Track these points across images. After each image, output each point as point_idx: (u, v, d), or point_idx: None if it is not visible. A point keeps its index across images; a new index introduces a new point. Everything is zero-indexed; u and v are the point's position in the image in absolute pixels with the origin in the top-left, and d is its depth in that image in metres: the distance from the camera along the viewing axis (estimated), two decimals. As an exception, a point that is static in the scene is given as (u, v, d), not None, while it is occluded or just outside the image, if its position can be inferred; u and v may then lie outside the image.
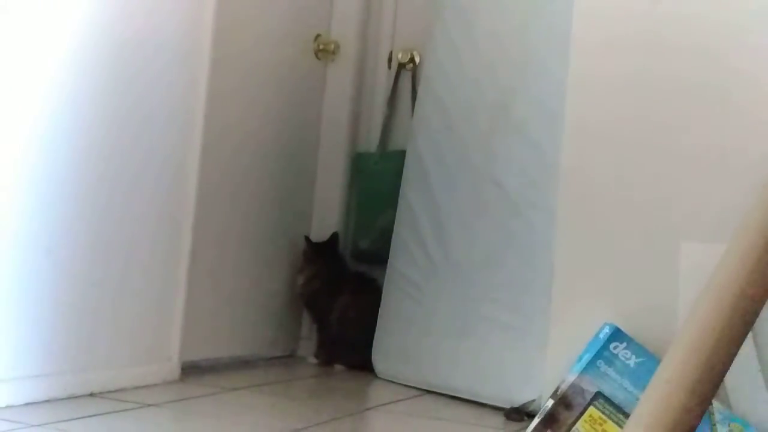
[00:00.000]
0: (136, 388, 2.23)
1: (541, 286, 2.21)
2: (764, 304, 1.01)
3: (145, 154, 2.29)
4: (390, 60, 3.37)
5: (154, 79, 2.31)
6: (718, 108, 1.98)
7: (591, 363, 1.83)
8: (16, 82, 1.91)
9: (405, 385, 2.66)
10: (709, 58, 2.00)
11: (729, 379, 1.30)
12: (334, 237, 3.14)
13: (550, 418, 1.82)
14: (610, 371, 1.83)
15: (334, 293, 3.04)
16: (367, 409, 2.52)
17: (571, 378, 1.83)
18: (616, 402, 1.81)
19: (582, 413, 1.81)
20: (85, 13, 2.09)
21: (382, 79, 3.38)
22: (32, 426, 1.75)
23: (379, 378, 2.80)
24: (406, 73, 3.33)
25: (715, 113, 1.98)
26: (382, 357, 2.82)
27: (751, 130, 1.94)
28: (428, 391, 2.57)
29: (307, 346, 3.18)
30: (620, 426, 1.79)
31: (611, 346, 1.84)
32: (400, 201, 2.88)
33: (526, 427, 1.89)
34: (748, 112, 1.95)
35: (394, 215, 2.90)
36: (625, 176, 2.08)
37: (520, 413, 2.20)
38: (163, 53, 2.34)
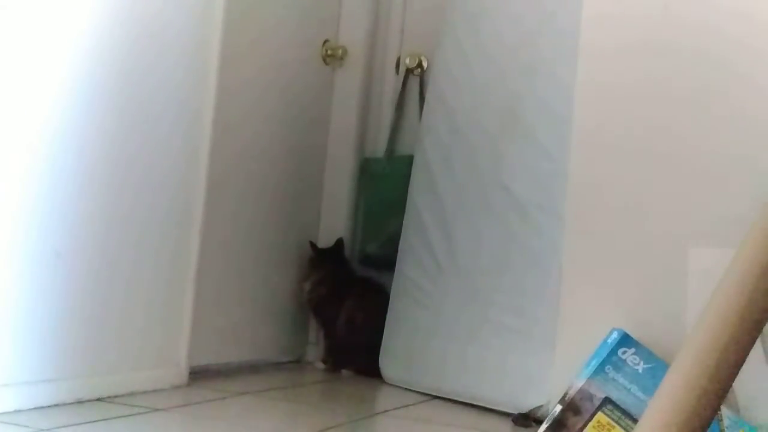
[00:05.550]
0: (145, 392, 2.24)
1: (549, 290, 2.21)
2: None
3: (152, 160, 2.29)
4: (398, 65, 3.38)
5: (161, 81, 2.31)
6: (726, 113, 1.98)
7: (599, 368, 1.83)
8: (25, 84, 1.92)
9: (412, 391, 2.65)
10: (718, 65, 2.00)
11: (738, 385, 1.30)
12: (339, 243, 3.14)
13: (559, 424, 1.82)
14: (619, 377, 1.82)
15: (340, 299, 3.05)
16: (375, 414, 2.52)
17: (580, 383, 1.83)
18: (625, 407, 1.81)
19: (590, 419, 1.81)
20: (94, 11, 2.09)
21: (389, 84, 3.39)
22: (41, 430, 1.75)
23: (387, 383, 2.80)
24: (414, 78, 3.34)
25: (724, 119, 1.98)
26: (389, 362, 2.82)
27: (761, 136, 1.94)
28: (436, 397, 2.57)
29: (315, 351, 3.19)
30: (628, 432, 1.79)
31: (619, 351, 1.84)
32: (408, 205, 2.88)
33: (534, 432, 1.89)
34: (757, 118, 1.95)
35: (402, 220, 2.91)
36: (633, 181, 2.08)
37: (528, 419, 2.19)
38: (172, 55, 2.35)
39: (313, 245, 3.12)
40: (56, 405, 1.98)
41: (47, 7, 1.96)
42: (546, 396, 2.14)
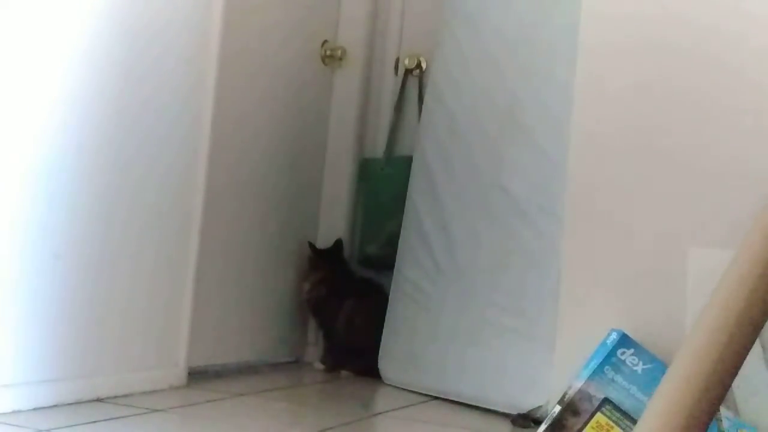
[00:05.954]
0: (144, 393, 2.23)
1: (548, 291, 2.21)
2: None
3: (151, 160, 2.29)
4: (397, 66, 3.38)
5: (161, 81, 2.31)
6: (726, 113, 1.98)
7: (598, 369, 1.83)
8: (24, 84, 1.91)
9: (411, 391, 2.65)
10: (718, 65, 2.00)
11: (737, 385, 1.30)
12: (338, 243, 3.14)
13: (558, 425, 1.82)
14: (618, 377, 1.82)
15: (339, 299, 3.05)
16: (374, 415, 2.52)
17: (579, 384, 1.83)
18: (624, 408, 1.81)
19: (589, 419, 1.81)
20: (93, 11, 2.09)
21: (388, 85, 3.38)
22: (40, 431, 1.75)
23: (386, 384, 2.80)
24: (413, 78, 3.34)
25: (724, 118, 1.98)
26: (388, 363, 2.82)
27: (761, 137, 1.94)
28: (435, 397, 2.57)
29: (314, 352, 3.19)
30: (628, 432, 1.79)
31: (618, 352, 1.84)
32: (407, 206, 2.88)
33: (533, 433, 1.89)
34: (757, 118, 1.95)
35: (401, 221, 2.91)
36: (633, 181, 2.07)
37: (527, 419, 2.19)
38: (171, 55, 2.35)
39: (312, 246, 3.12)
40: (55, 405, 1.98)
41: (46, 8, 1.95)
42: (545, 396, 2.14)
